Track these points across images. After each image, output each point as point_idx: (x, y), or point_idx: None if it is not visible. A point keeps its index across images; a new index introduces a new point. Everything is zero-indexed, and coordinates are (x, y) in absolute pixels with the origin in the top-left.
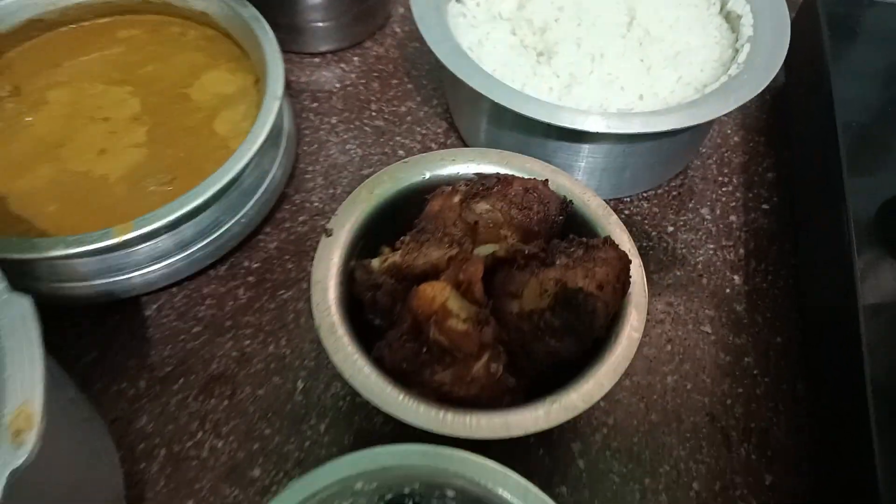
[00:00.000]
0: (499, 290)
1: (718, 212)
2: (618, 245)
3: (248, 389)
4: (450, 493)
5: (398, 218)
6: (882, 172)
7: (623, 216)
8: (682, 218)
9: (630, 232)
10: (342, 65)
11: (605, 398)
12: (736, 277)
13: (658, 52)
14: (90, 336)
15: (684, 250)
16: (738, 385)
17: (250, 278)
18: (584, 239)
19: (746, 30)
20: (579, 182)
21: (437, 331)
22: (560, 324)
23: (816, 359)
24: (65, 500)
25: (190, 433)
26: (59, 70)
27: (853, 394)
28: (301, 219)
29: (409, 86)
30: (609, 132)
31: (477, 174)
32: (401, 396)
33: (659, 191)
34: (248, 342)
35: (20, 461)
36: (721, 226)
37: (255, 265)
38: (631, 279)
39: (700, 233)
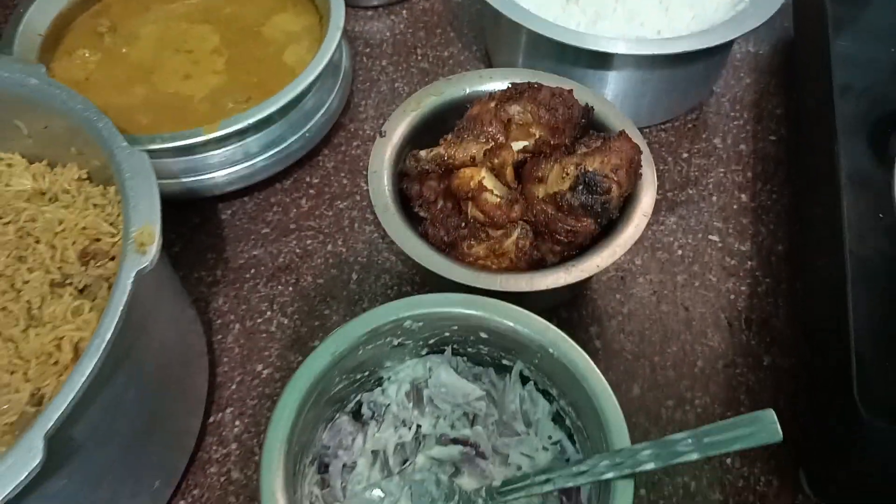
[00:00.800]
0: (527, 177)
1: (730, 141)
2: (630, 138)
3: (309, 278)
4: (482, 335)
5: (443, 125)
6: (870, 95)
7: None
8: (696, 146)
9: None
10: (392, 17)
11: (621, 291)
12: (743, 196)
13: (677, 2)
14: (175, 232)
15: (697, 173)
16: (741, 284)
17: (311, 191)
18: (602, 133)
19: None
20: (600, 95)
21: (473, 206)
22: (579, 203)
23: (810, 261)
24: (166, 341)
25: (260, 311)
26: (149, 13)
27: (836, 289)
28: (355, 143)
29: (452, 34)
30: (628, 53)
31: (511, 83)
32: (441, 259)
33: (676, 122)
34: (309, 242)
35: (144, 264)
36: (731, 153)
37: (315, 180)
38: (641, 170)
39: (712, 158)
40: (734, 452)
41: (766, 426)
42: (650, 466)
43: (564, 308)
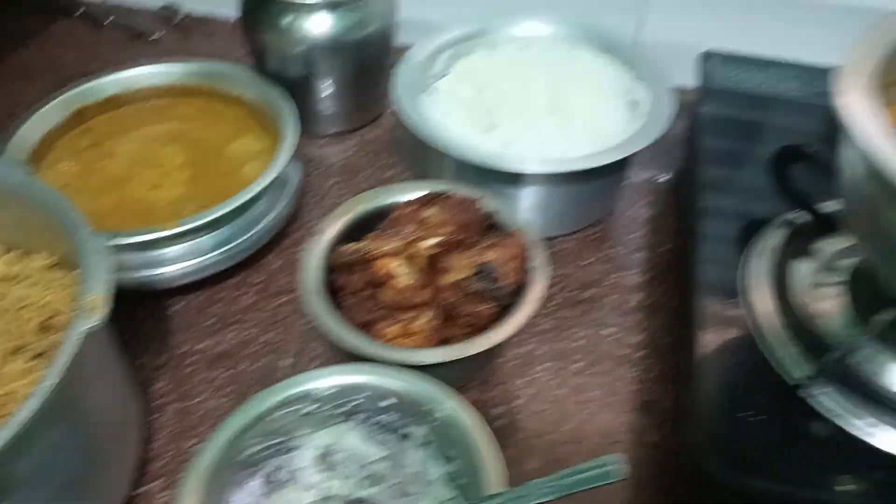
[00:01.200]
0: (437, 268)
1: (628, 250)
2: (522, 234)
3: (246, 364)
4: (388, 402)
5: (370, 228)
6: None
7: (551, 252)
8: (597, 254)
9: (554, 263)
10: (344, 144)
11: (524, 376)
12: (639, 295)
13: (576, 127)
14: (127, 322)
15: (597, 276)
16: (632, 370)
17: (255, 288)
18: (501, 231)
19: (644, 109)
20: (505, 203)
21: (386, 290)
22: (478, 288)
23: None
24: (105, 407)
25: (197, 394)
26: (128, 134)
27: (687, 375)
28: (299, 248)
29: (393, 160)
30: (532, 173)
31: (428, 192)
32: (355, 336)
33: (581, 234)
34: (248, 332)
35: (92, 324)
36: (628, 260)
37: (260, 278)
38: (534, 262)
39: (611, 264)
40: None
41: (613, 466)
42: None
43: (475, 389)
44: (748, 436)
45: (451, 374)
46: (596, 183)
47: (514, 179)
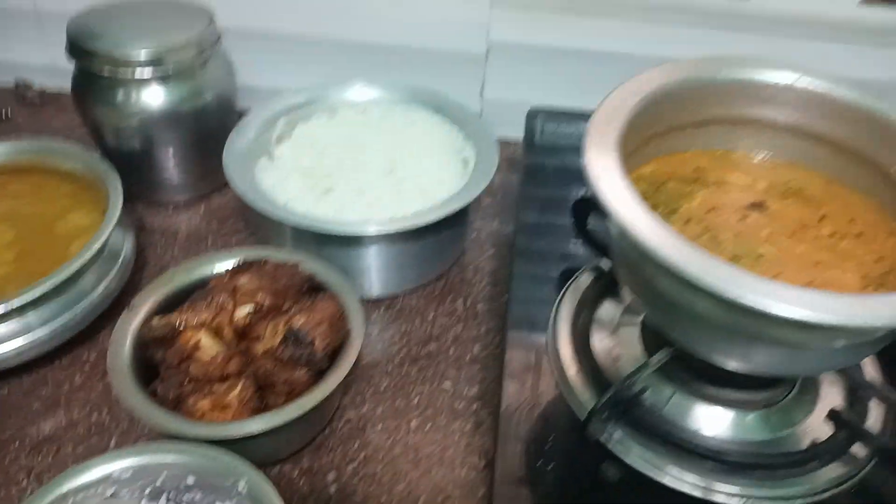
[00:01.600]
0: (250, 336)
1: (469, 302)
2: (336, 297)
3: (70, 447)
4: (190, 481)
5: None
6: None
7: (395, 310)
8: (441, 308)
9: (398, 320)
10: (190, 212)
11: (359, 438)
12: (476, 347)
13: (411, 186)
14: None
15: (439, 330)
16: (466, 424)
17: (87, 366)
18: (314, 294)
19: (471, 166)
20: (331, 268)
21: (193, 364)
22: (289, 355)
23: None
24: None
25: (17, 481)
26: None
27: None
28: None
29: (239, 226)
30: (368, 234)
31: (243, 259)
32: (161, 413)
33: (426, 289)
34: (77, 412)
35: None
36: (470, 312)
37: (93, 356)
38: (351, 323)
39: (453, 318)
40: None
41: None
42: None
43: (307, 457)
44: (549, 483)
45: (273, 444)
46: (432, 238)
47: (350, 242)
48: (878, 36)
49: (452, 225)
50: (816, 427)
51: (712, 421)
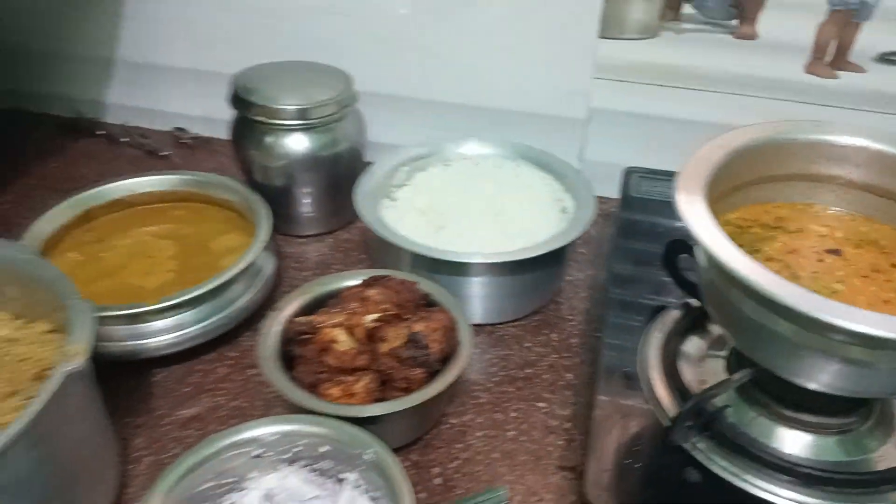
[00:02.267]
0: (376, 338)
1: (564, 336)
2: (448, 311)
3: (214, 425)
4: (325, 449)
5: (322, 306)
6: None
7: (495, 336)
8: (537, 338)
9: (498, 345)
10: (319, 243)
11: (462, 441)
12: (569, 375)
13: (515, 228)
14: (115, 388)
15: (535, 357)
16: (558, 439)
17: (229, 361)
18: (431, 308)
19: (570, 215)
20: (440, 288)
21: (329, 355)
22: (408, 355)
23: None
24: (83, 448)
25: (169, 449)
26: (128, 232)
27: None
28: None
29: (363, 256)
30: (476, 262)
31: (371, 276)
32: (303, 394)
33: (523, 321)
34: (220, 398)
35: (72, 367)
36: (563, 344)
37: (234, 354)
38: (460, 335)
39: (548, 348)
40: None
41: (496, 496)
42: None
43: (416, 452)
44: (635, 478)
45: (390, 432)
46: (531, 275)
47: (459, 270)
48: None
49: (551, 264)
50: (891, 456)
51: (791, 441)
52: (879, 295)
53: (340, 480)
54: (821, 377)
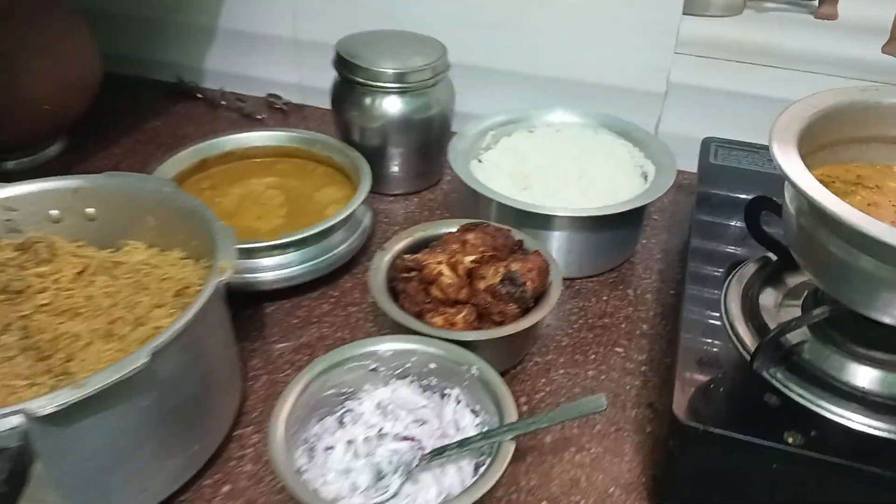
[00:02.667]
0: (475, 275)
1: (639, 292)
2: (541, 254)
3: (322, 351)
4: (432, 366)
5: (424, 247)
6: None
7: (574, 289)
8: (614, 293)
9: (576, 297)
10: (406, 202)
11: (546, 377)
12: (645, 326)
13: (597, 190)
14: (234, 317)
15: (612, 309)
16: (635, 380)
17: (332, 300)
18: (527, 252)
19: (650, 179)
20: (529, 237)
21: (435, 287)
22: (506, 291)
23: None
24: (218, 356)
25: (282, 370)
26: (238, 182)
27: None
28: (367, 273)
29: (447, 214)
30: (560, 215)
31: (469, 221)
32: (412, 319)
33: (601, 277)
34: (326, 329)
35: (223, 278)
36: (640, 299)
37: (336, 293)
38: (551, 276)
39: (625, 301)
40: None
41: (596, 402)
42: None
43: (505, 380)
44: (719, 401)
45: (486, 357)
46: (610, 232)
47: (544, 223)
48: None
49: (628, 224)
50: None
51: (862, 375)
52: None
53: (444, 395)
54: (894, 311)
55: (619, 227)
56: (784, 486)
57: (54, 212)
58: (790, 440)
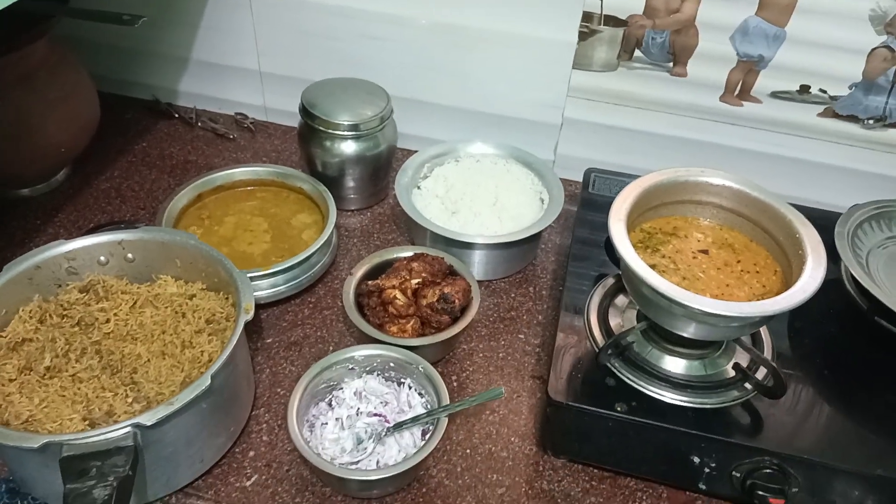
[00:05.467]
0: (419, 295)
1: (538, 289)
2: (466, 279)
3: (306, 349)
4: (391, 364)
5: (381, 272)
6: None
7: (491, 288)
8: (519, 290)
9: (493, 295)
10: (361, 216)
11: (469, 360)
12: (540, 317)
13: (507, 214)
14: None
15: (517, 304)
16: (532, 359)
17: (310, 305)
18: (456, 276)
19: (546, 203)
20: (458, 260)
21: (391, 306)
22: (441, 307)
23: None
24: (242, 367)
25: (279, 364)
26: (229, 209)
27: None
28: (336, 283)
29: (393, 227)
30: (479, 242)
31: (414, 253)
32: (374, 330)
33: (510, 278)
34: (308, 329)
35: (248, 318)
36: (536, 295)
37: (312, 300)
38: (472, 294)
39: (527, 297)
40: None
41: (497, 391)
42: (449, 411)
43: (441, 366)
44: (578, 383)
45: (427, 354)
46: (517, 248)
47: (467, 245)
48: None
49: (531, 241)
50: (730, 371)
51: (672, 364)
52: (726, 281)
53: (401, 384)
54: (687, 328)
55: (523, 244)
56: (616, 437)
57: (102, 258)
58: (619, 409)
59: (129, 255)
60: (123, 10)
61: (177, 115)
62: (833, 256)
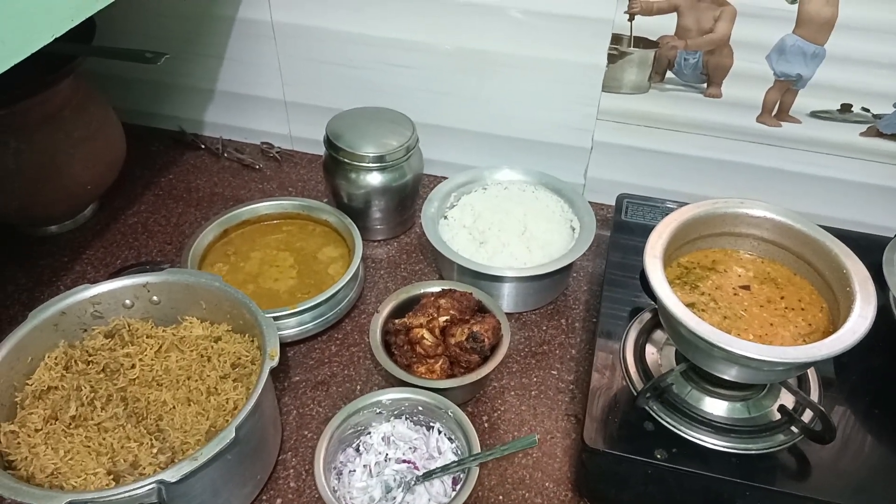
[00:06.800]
0: (447, 333)
1: (570, 321)
2: (495, 316)
3: (334, 388)
4: (420, 408)
5: (409, 308)
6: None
7: (521, 321)
8: (550, 323)
9: (523, 329)
10: (388, 246)
11: (500, 399)
12: (573, 350)
13: (536, 243)
14: None
15: (549, 338)
16: (565, 396)
17: (337, 342)
18: (485, 313)
19: (577, 232)
20: (487, 295)
21: (419, 346)
22: (470, 346)
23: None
24: (269, 410)
25: (306, 405)
26: (255, 244)
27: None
28: (363, 317)
29: (420, 258)
30: (509, 276)
31: (442, 289)
32: (401, 371)
33: (541, 310)
34: (335, 367)
35: (273, 365)
36: (570, 327)
37: (340, 336)
38: (503, 332)
39: (559, 330)
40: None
41: (531, 439)
42: (480, 461)
43: (471, 406)
44: (614, 428)
45: (457, 395)
46: (547, 280)
47: (496, 279)
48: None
49: (561, 272)
50: (775, 413)
51: (713, 406)
52: (769, 319)
53: (430, 428)
54: (728, 371)
55: (554, 275)
56: (656, 484)
57: (128, 301)
58: (658, 456)
59: (155, 298)
60: (147, 45)
61: (203, 147)
62: (880, 282)
